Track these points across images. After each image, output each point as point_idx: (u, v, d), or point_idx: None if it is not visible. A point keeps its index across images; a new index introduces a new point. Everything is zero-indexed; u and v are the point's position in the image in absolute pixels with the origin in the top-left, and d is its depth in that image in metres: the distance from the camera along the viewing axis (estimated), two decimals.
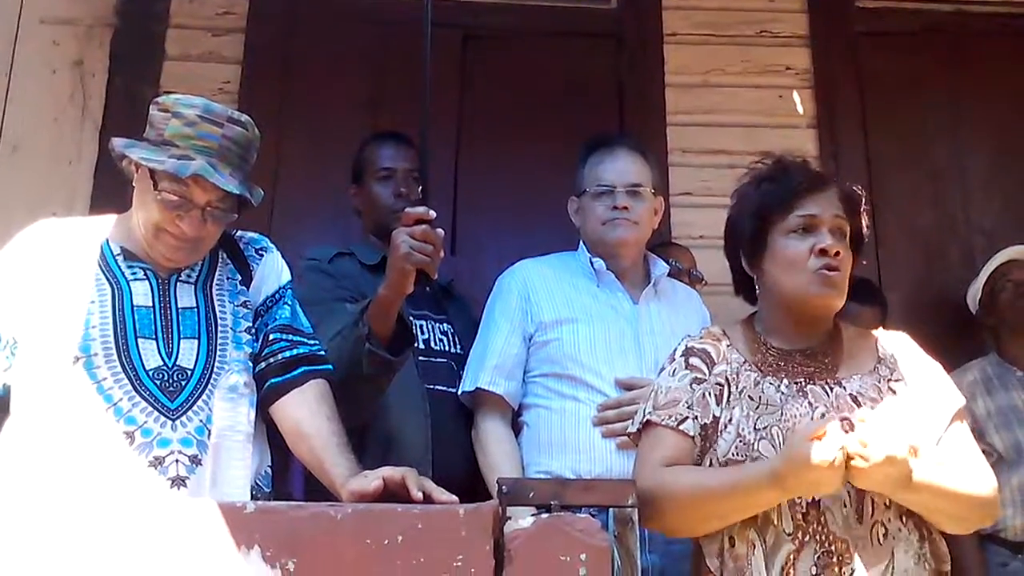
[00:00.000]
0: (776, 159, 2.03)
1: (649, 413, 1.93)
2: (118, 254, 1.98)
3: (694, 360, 1.95)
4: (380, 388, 2.26)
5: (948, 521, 1.82)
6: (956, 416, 1.90)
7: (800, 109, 3.71)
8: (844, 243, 1.92)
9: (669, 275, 2.69)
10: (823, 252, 1.87)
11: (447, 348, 2.61)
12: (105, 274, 1.94)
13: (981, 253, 3.47)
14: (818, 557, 1.74)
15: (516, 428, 2.51)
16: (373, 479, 1.65)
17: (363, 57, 3.60)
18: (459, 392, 2.52)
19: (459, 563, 1.37)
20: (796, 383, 1.89)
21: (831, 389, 1.88)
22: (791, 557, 1.75)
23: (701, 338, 2.00)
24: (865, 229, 2.01)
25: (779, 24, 3.78)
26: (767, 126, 3.65)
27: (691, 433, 1.88)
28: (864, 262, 2.11)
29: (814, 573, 1.74)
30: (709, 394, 1.90)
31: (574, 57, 3.69)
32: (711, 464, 1.85)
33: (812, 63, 3.75)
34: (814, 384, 1.89)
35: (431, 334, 2.60)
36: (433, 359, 2.56)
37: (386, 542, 1.38)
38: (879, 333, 2.03)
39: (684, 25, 3.75)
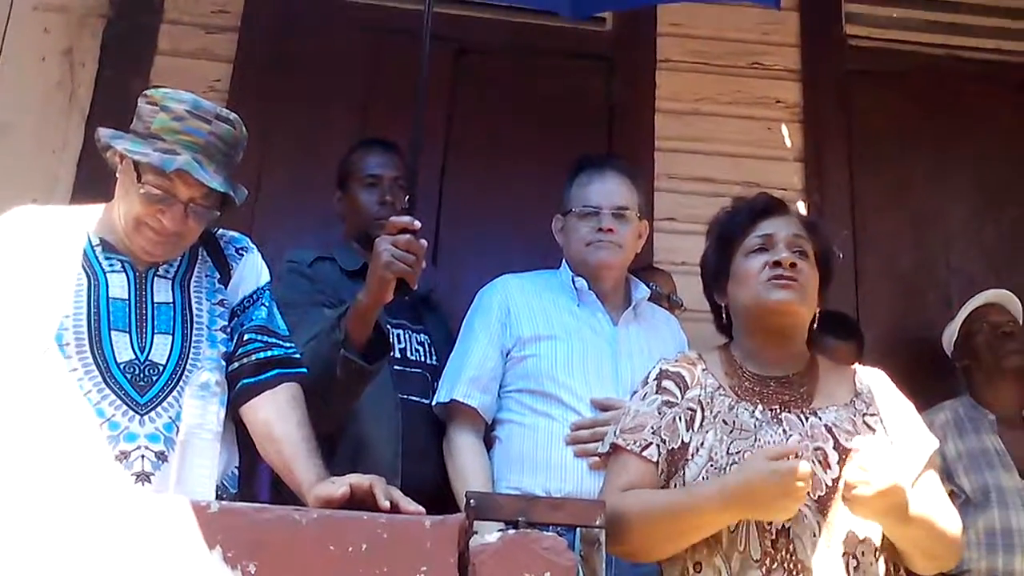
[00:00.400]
0: (738, 197, 2.10)
1: (615, 436, 1.94)
2: (97, 245, 1.96)
3: (667, 383, 1.96)
4: (353, 395, 2.24)
5: (924, 559, 1.84)
6: (930, 460, 1.91)
7: (788, 143, 3.73)
8: (806, 260, 1.95)
9: (649, 299, 2.69)
10: (776, 264, 1.91)
11: (423, 359, 2.61)
12: (82, 264, 1.93)
13: (959, 296, 3.49)
14: None
15: (488, 442, 2.50)
16: (340, 485, 1.63)
17: (355, 64, 3.59)
18: (433, 403, 2.51)
19: (422, 574, 1.36)
20: (771, 410, 1.90)
21: (806, 418, 1.89)
22: None
23: (676, 362, 2.01)
24: (835, 251, 2.06)
25: (771, 57, 3.81)
26: (754, 157, 3.68)
27: (654, 459, 1.88)
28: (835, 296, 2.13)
29: None
30: (679, 418, 1.90)
31: (566, 77, 3.70)
32: (676, 488, 1.85)
33: (802, 97, 3.78)
34: (789, 412, 1.90)
35: (408, 344, 2.59)
36: (408, 369, 2.55)
37: (350, 549, 1.37)
38: (856, 368, 2.04)
39: (677, 52, 3.78)
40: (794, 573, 1.75)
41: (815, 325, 2.01)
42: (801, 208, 3.53)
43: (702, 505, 1.73)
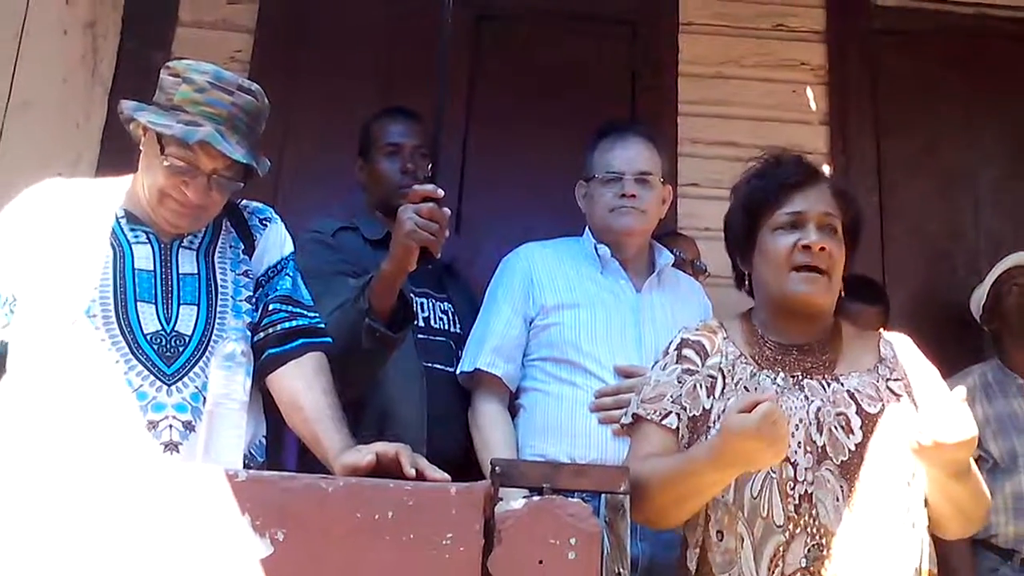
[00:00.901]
0: (771, 154, 2.03)
1: (637, 406, 1.94)
2: (122, 217, 1.97)
3: (687, 352, 1.95)
4: (378, 364, 2.25)
5: (959, 520, 1.83)
6: None
7: (813, 105, 3.68)
8: (834, 239, 1.91)
9: (673, 265, 2.68)
10: (806, 248, 1.87)
11: (447, 327, 2.61)
12: (108, 236, 1.94)
13: (987, 259, 3.45)
14: (808, 549, 1.75)
15: (513, 411, 2.51)
16: (366, 453, 1.64)
17: (376, 32, 3.57)
18: (457, 372, 2.52)
19: (448, 541, 1.37)
20: (793, 376, 1.89)
21: (828, 384, 1.88)
22: (780, 549, 1.75)
23: (697, 330, 2.00)
24: (863, 219, 2.02)
25: (796, 19, 3.76)
26: (779, 121, 3.63)
27: (674, 427, 1.88)
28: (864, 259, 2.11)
29: (804, 565, 1.74)
30: (700, 385, 1.90)
31: (588, 41, 3.66)
32: None
33: (827, 59, 3.72)
34: (811, 379, 1.89)
35: (431, 312, 2.60)
36: (432, 337, 2.55)
37: (376, 517, 1.38)
38: (881, 333, 2.02)
39: (701, 15, 3.72)
40: (817, 537, 1.75)
41: (840, 296, 1.99)
42: (825, 170, 3.49)
43: (697, 467, 1.72)
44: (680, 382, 1.91)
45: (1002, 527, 2.93)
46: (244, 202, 2.13)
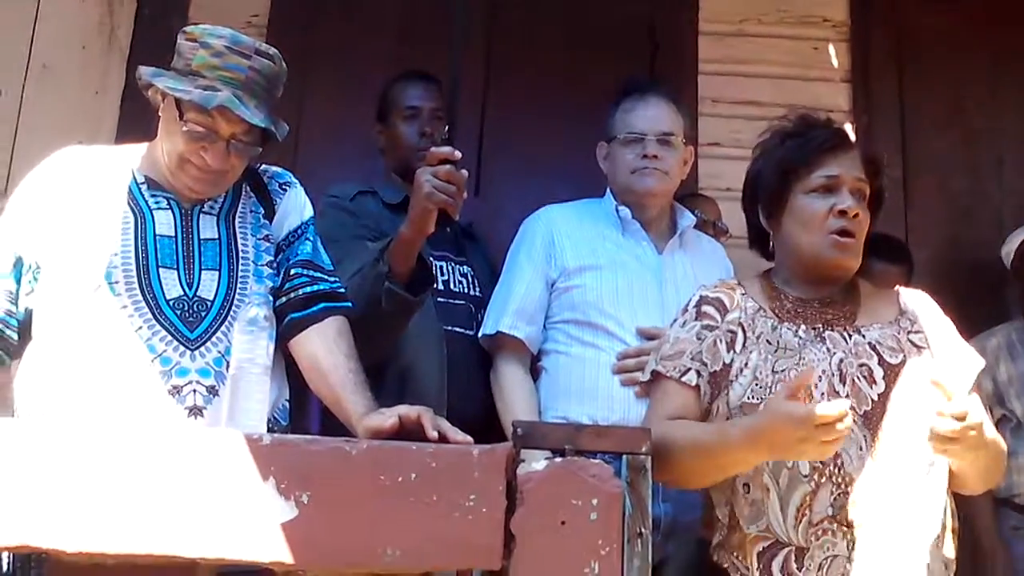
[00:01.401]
0: (800, 116, 2.03)
1: (656, 363, 1.94)
2: (142, 183, 1.98)
3: (706, 308, 1.95)
4: (398, 327, 2.26)
5: (979, 479, 1.84)
6: (976, 378, 1.91)
7: (835, 62, 3.64)
8: (863, 205, 1.93)
9: (695, 226, 2.67)
10: (842, 213, 1.89)
11: (466, 290, 2.61)
12: (129, 202, 1.94)
13: (1011, 216, 3.42)
14: (835, 498, 1.76)
15: (535, 373, 2.51)
16: (389, 416, 1.65)
17: None
18: (480, 335, 2.52)
19: (471, 503, 1.38)
20: (814, 328, 1.90)
21: (850, 336, 1.89)
22: (807, 498, 1.77)
23: (716, 287, 2.01)
24: (884, 191, 2.02)
25: None
26: (800, 79, 3.60)
27: (693, 383, 1.89)
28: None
29: (830, 514, 1.75)
30: (720, 341, 1.90)
31: (607, 1, 3.63)
32: (719, 410, 1.86)
33: (849, 15, 3.68)
34: (832, 330, 1.90)
35: (451, 275, 2.60)
36: (452, 300, 2.56)
37: (400, 479, 1.39)
38: (899, 289, 2.03)
39: None
40: (842, 486, 1.76)
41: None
42: (849, 130, 3.46)
43: (732, 447, 1.73)
44: (700, 338, 1.91)
45: None
46: (263, 167, 2.13)
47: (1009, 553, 2.94)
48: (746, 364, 1.85)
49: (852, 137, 2.08)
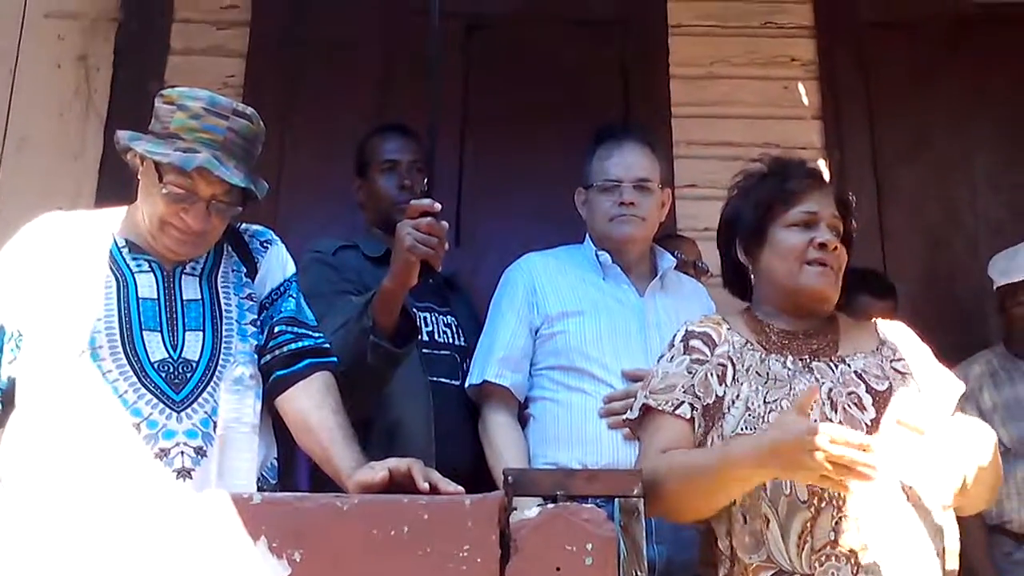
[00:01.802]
0: (774, 157, 2.09)
1: (646, 398, 1.94)
2: (123, 247, 1.98)
3: (694, 343, 1.97)
4: (384, 380, 2.26)
5: (988, 493, 1.83)
6: (958, 403, 1.94)
7: (805, 100, 3.70)
8: (838, 240, 1.98)
9: (675, 268, 2.69)
10: (822, 246, 1.93)
11: (451, 340, 2.61)
12: (110, 266, 1.94)
13: (986, 243, 3.46)
14: (835, 523, 1.76)
15: (522, 421, 2.51)
16: (379, 470, 1.65)
17: (369, 50, 3.59)
18: (466, 385, 2.52)
19: (465, 553, 1.37)
20: (801, 359, 1.92)
21: (836, 366, 1.91)
22: (807, 525, 1.76)
23: (701, 323, 2.02)
24: (853, 232, 2.07)
25: (784, 15, 3.77)
26: (772, 118, 3.65)
27: (687, 416, 1.89)
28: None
29: (832, 539, 1.75)
30: (711, 374, 1.91)
31: (579, 47, 3.67)
32: (713, 442, 1.86)
33: (817, 54, 3.74)
34: (819, 361, 1.92)
35: (435, 326, 2.60)
36: (437, 351, 2.56)
37: (392, 533, 1.39)
38: (876, 321, 2.06)
39: (689, 16, 3.74)
40: (843, 510, 1.76)
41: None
42: (823, 167, 3.51)
43: (737, 465, 1.72)
44: (691, 372, 1.92)
45: (1015, 512, 2.94)
46: (244, 225, 2.14)
47: None
48: (738, 396, 1.86)
49: (826, 175, 2.13)
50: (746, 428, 1.83)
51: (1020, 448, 2.97)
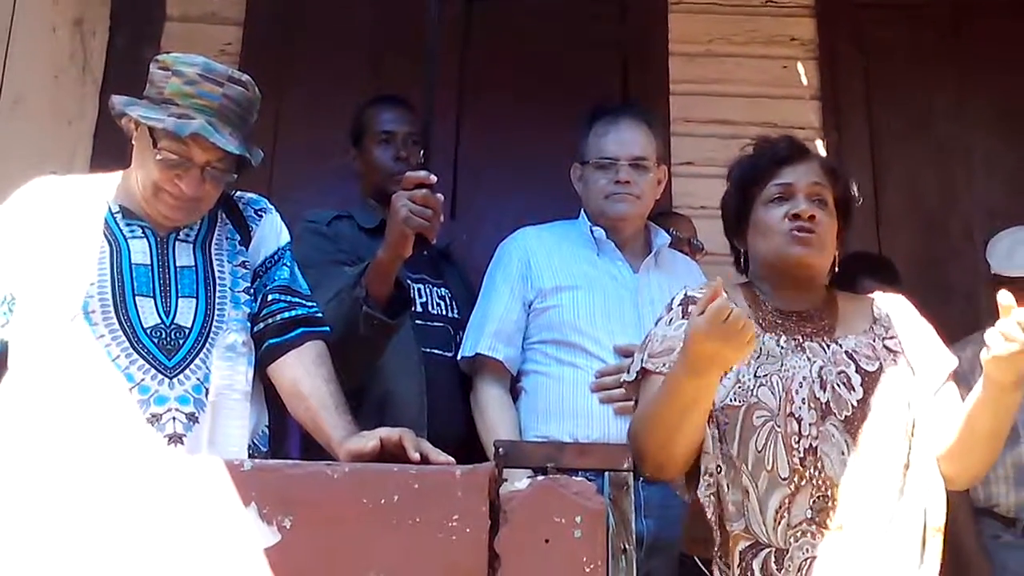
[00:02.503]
0: (760, 137, 2.09)
1: (644, 361, 1.94)
2: (117, 212, 1.97)
3: (692, 307, 1.96)
4: (377, 351, 2.26)
5: (989, 451, 1.85)
6: (949, 376, 1.94)
7: (804, 80, 3.69)
8: (824, 209, 1.96)
9: (670, 245, 2.69)
10: (796, 216, 1.92)
11: (444, 312, 2.61)
12: (104, 232, 1.94)
13: (981, 228, 3.46)
14: (814, 501, 1.77)
15: (514, 394, 2.51)
16: (370, 439, 1.65)
17: (365, 19, 3.58)
18: (458, 357, 2.53)
19: (455, 523, 1.38)
20: (795, 339, 1.93)
21: (828, 346, 1.92)
22: (786, 501, 1.78)
23: (701, 288, 2.02)
24: (855, 196, 2.06)
25: None
26: (771, 97, 3.64)
27: None
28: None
29: (809, 516, 1.77)
30: None
31: (578, 23, 3.66)
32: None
33: (817, 34, 3.73)
34: (811, 341, 1.93)
35: (429, 298, 2.60)
36: (430, 323, 2.56)
37: (382, 501, 1.39)
38: (875, 296, 2.06)
39: None
40: (823, 489, 1.78)
41: (835, 269, 2.03)
42: (820, 148, 3.50)
43: (675, 384, 1.75)
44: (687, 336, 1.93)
45: (1003, 496, 2.95)
46: (239, 193, 2.13)
47: (990, 563, 2.95)
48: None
49: (823, 152, 2.11)
50: (735, 400, 1.84)
51: (1011, 433, 2.97)
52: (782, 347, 1.91)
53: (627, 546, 1.60)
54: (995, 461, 1.95)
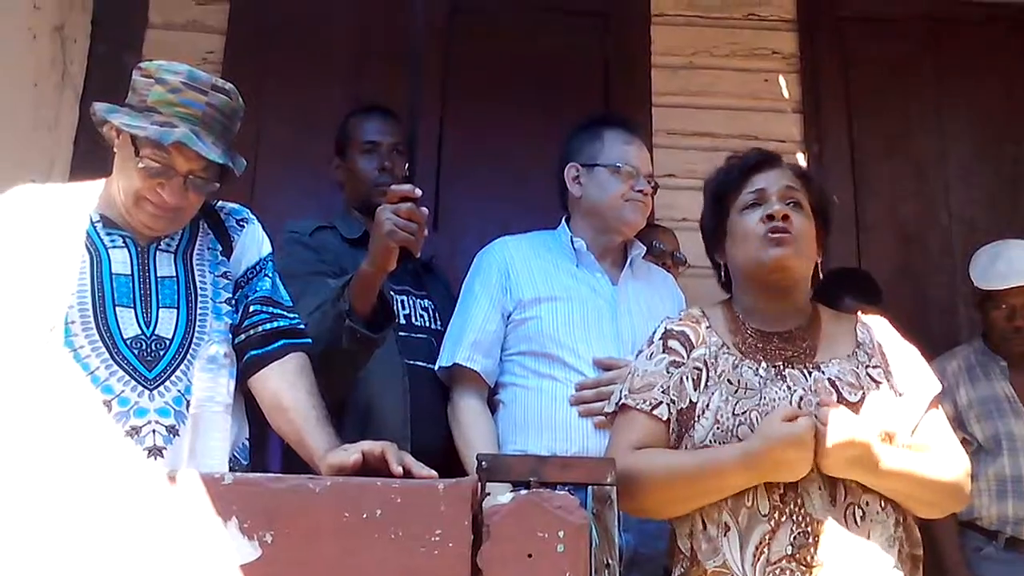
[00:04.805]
0: (731, 155, 2.10)
1: (625, 396, 1.95)
2: (97, 221, 1.96)
3: (673, 343, 1.96)
4: (359, 363, 2.25)
5: (919, 506, 1.85)
6: (932, 403, 1.92)
7: (786, 93, 3.71)
8: (800, 212, 1.96)
9: (653, 257, 2.69)
10: (770, 218, 1.92)
11: (427, 324, 2.60)
12: (84, 242, 1.92)
13: (961, 241, 3.49)
14: (794, 537, 1.76)
15: (492, 406, 2.50)
16: (353, 452, 1.64)
17: (349, 28, 3.57)
18: (436, 367, 2.51)
19: (437, 537, 1.37)
20: (775, 366, 1.91)
21: (809, 373, 1.90)
22: (766, 537, 1.76)
23: (680, 320, 2.01)
24: (831, 199, 2.08)
25: (767, 7, 3.79)
26: (752, 110, 3.66)
27: (664, 417, 1.90)
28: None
29: (789, 552, 1.75)
30: (687, 378, 1.91)
31: (560, 35, 3.67)
32: (686, 447, 1.87)
33: (798, 47, 3.75)
34: (792, 368, 1.90)
35: (412, 310, 2.59)
36: (413, 335, 2.55)
37: (364, 515, 1.38)
38: (858, 317, 2.04)
39: (671, 5, 3.75)
40: (803, 525, 1.76)
41: (819, 278, 2.03)
42: (801, 160, 3.52)
43: (724, 469, 1.77)
44: (668, 373, 1.92)
45: (985, 509, 2.97)
46: (220, 203, 2.12)
47: (972, 575, 2.97)
48: (708, 405, 1.86)
49: (803, 164, 2.12)
50: (713, 440, 1.83)
51: (992, 446, 3.00)
52: (760, 376, 1.88)
53: (610, 560, 1.59)
54: (951, 508, 1.95)
